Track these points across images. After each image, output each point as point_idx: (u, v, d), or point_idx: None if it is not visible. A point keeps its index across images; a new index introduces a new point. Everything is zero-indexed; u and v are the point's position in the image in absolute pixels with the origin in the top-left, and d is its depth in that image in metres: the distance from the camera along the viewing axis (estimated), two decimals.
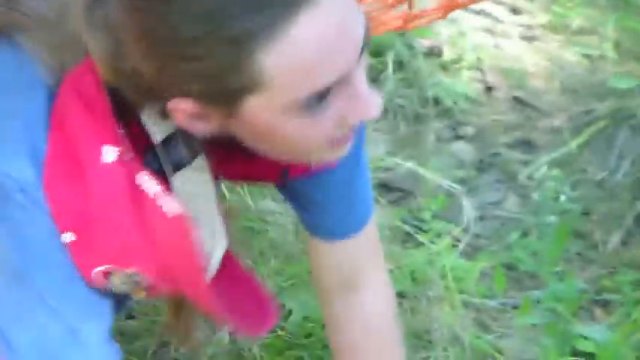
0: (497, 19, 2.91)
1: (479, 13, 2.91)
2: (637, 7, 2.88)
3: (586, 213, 2.27)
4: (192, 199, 1.18)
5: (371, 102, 1.10)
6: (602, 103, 2.57)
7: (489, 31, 2.86)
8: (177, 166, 1.18)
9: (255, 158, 1.18)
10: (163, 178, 1.16)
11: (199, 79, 1.05)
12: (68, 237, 1.12)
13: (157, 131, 1.16)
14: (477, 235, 2.25)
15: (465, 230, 2.24)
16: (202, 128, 1.12)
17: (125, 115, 1.14)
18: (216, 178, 1.23)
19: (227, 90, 1.06)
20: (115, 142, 1.11)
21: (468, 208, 2.28)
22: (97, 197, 1.11)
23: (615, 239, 2.23)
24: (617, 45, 2.77)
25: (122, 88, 1.11)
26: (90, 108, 1.12)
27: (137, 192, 1.11)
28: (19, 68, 1.14)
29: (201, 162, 1.19)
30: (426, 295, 2.04)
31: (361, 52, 1.08)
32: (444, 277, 2.07)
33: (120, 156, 1.11)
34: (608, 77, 2.64)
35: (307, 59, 1.04)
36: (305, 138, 1.10)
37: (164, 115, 1.12)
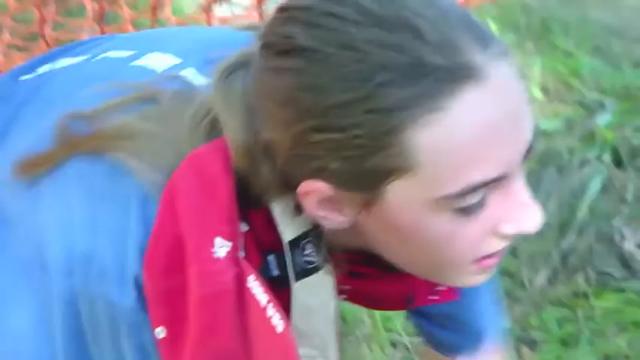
0: None
1: None
2: (562, 50, 2.93)
3: (513, 252, 2.29)
4: (310, 314, 1.02)
5: (532, 212, 0.94)
6: None
7: None
8: (302, 274, 1.01)
9: (382, 279, 1.05)
10: (283, 285, 1.00)
11: (340, 154, 0.90)
12: (160, 332, 0.97)
13: (287, 229, 0.98)
14: None
15: None
16: (334, 221, 0.96)
17: (251, 209, 0.98)
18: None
19: (370, 171, 0.90)
20: (230, 236, 0.95)
21: None
22: (198, 293, 0.95)
23: (542, 278, 2.26)
24: (543, 87, 2.81)
25: (254, 172, 0.96)
26: (209, 192, 0.95)
27: (244, 296, 0.96)
28: (112, 180, 0.99)
29: (327, 273, 1.02)
30: (354, 335, 2.05)
31: (527, 154, 0.93)
32: (371, 316, 2.07)
33: (231, 252, 0.95)
34: (536, 119, 2.68)
35: (468, 143, 0.89)
36: (450, 244, 0.94)
37: (297, 210, 0.97)
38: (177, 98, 0.99)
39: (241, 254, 0.96)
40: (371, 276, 1.06)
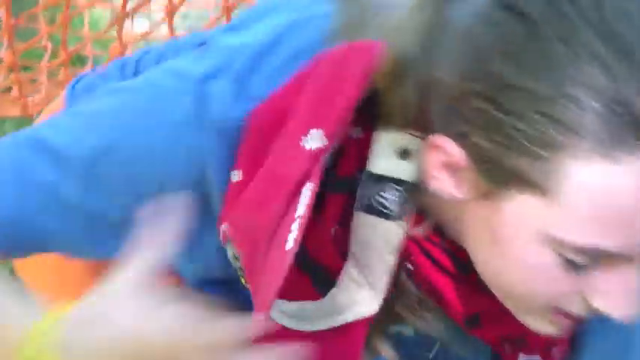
0: None
1: None
2: None
3: None
4: (367, 250, 0.96)
5: (626, 302, 0.88)
6: None
7: None
8: (370, 211, 0.95)
9: (452, 276, 0.97)
10: (350, 207, 0.96)
11: (490, 133, 0.84)
12: (237, 175, 0.96)
13: (377, 161, 0.93)
14: None
15: None
16: (444, 188, 0.90)
17: (360, 125, 0.94)
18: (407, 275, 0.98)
19: (508, 166, 0.84)
20: (330, 134, 0.91)
21: None
22: (269, 166, 0.93)
23: None
24: None
25: (392, 93, 0.91)
26: (337, 86, 0.91)
27: (296, 195, 0.92)
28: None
29: (399, 227, 0.94)
30: None
31: None
32: None
33: (318, 151, 0.91)
34: None
35: (619, 207, 0.82)
36: (538, 281, 0.88)
37: (403, 153, 0.92)
38: None
39: (327, 153, 0.92)
40: (446, 270, 0.97)
